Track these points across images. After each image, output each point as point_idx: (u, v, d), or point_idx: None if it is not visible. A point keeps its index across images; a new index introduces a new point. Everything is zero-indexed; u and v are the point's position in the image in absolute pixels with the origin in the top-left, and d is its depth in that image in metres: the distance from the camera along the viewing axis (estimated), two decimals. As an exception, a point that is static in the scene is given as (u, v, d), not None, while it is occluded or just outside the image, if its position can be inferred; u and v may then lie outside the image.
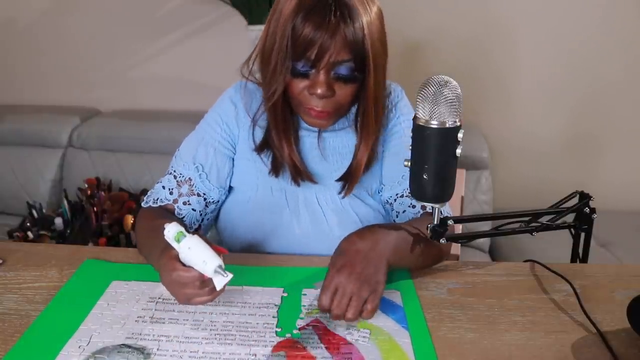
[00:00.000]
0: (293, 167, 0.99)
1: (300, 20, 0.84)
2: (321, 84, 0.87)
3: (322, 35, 0.83)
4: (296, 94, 0.91)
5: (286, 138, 0.98)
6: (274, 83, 0.91)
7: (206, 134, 1.03)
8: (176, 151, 1.04)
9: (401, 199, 1.01)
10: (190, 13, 2.20)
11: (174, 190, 1.00)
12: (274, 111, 0.95)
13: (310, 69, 0.88)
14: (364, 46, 0.86)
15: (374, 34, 0.87)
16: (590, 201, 0.92)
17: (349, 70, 0.88)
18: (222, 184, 1.03)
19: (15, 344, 0.73)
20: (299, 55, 0.86)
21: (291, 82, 0.90)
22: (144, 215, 1.00)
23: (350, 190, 1.00)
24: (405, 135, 1.02)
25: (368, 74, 0.89)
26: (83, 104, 2.39)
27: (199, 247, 0.74)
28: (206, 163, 1.01)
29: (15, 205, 2.19)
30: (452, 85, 0.70)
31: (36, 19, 2.31)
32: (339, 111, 0.94)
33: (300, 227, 1.02)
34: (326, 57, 0.85)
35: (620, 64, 2.09)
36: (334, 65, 0.87)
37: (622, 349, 0.72)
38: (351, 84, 0.90)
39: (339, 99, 0.91)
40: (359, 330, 0.77)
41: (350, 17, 0.84)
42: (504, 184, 2.22)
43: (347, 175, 1.00)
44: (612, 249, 1.91)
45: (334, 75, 0.88)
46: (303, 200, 1.02)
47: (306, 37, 0.84)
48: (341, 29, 0.84)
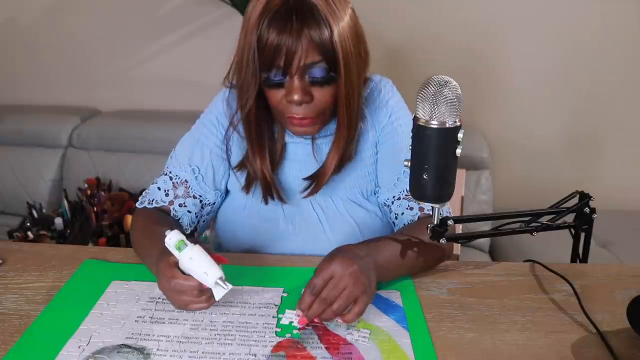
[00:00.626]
0: (264, 182, 0.98)
1: (264, 28, 0.83)
2: (297, 90, 0.85)
3: (287, 39, 0.82)
4: (276, 104, 0.90)
5: (260, 152, 0.97)
6: (244, 95, 0.91)
7: (202, 136, 1.02)
8: (172, 151, 1.04)
9: (399, 202, 0.99)
10: (190, 13, 2.20)
11: (169, 191, 1.00)
12: (247, 123, 0.95)
13: (284, 77, 0.86)
14: (333, 45, 0.84)
15: (343, 32, 0.84)
16: (590, 201, 0.92)
17: (323, 71, 0.86)
18: (218, 186, 1.03)
19: (15, 344, 0.73)
20: (268, 64, 0.85)
21: (268, 93, 0.89)
22: (141, 217, 0.99)
23: (315, 191, 0.98)
24: (398, 134, 1.00)
25: (339, 73, 0.86)
26: (83, 104, 2.39)
27: (200, 258, 0.74)
28: (202, 165, 1.00)
29: (15, 205, 2.19)
30: (452, 85, 0.70)
31: (36, 19, 2.31)
32: (323, 116, 0.92)
33: (296, 234, 1.01)
34: (295, 61, 0.83)
35: (620, 63, 2.09)
36: (306, 69, 0.85)
37: (622, 349, 0.72)
38: (328, 86, 0.88)
39: (319, 103, 0.89)
40: (359, 330, 0.77)
41: (314, 18, 0.82)
42: (504, 184, 2.22)
43: (314, 176, 0.98)
44: (612, 249, 1.91)
45: (309, 79, 0.86)
46: (297, 206, 1.02)
47: (271, 45, 0.83)
48: (305, 31, 0.82)
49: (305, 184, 0.99)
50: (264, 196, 0.99)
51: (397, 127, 1.00)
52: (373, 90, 1.02)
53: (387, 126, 1.00)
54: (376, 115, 1.01)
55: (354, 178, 1.02)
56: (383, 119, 1.01)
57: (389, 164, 1.00)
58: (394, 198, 1.00)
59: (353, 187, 1.02)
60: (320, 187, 0.98)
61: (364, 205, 1.02)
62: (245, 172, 1.01)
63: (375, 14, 2.09)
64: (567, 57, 2.10)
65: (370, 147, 1.01)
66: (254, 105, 0.91)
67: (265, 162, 0.97)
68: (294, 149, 1.01)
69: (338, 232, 1.00)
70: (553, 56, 2.10)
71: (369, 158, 1.02)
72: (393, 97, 1.02)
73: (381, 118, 1.01)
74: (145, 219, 0.97)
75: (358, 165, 1.01)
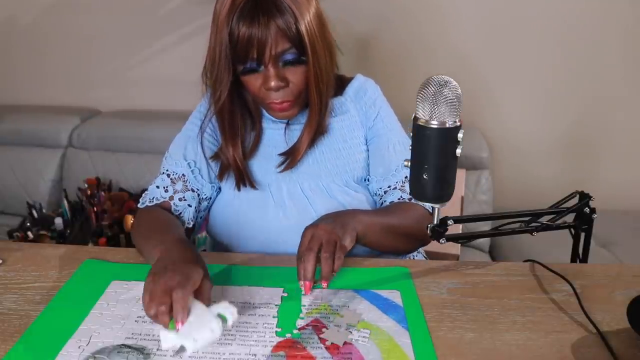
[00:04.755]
0: (237, 170, 1.03)
1: (234, 24, 0.89)
2: (273, 77, 0.92)
3: (257, 32, 0.88)
4: (255, 92, 0.96)
5: (233, 142, 1.02)
6: (218, 88, 0.97)
7: (192, 133, 1.06)
8: (165, 153, 1.07)
9: (392, 191, 1.05)
10: (190, 13, 2.20)
11: (168, 187, 1.03)
12: (220, 116, 1.01)
13: (259, 66, 0.92)
14: (299, 32, 0.90)
15: (307, 18, 0.91)
16: (590, 201, 0.92)
17: (294, 55, 0.92)
18: (213, 179, 1.06)
19: (15, 344, 0.73)
20: (243, 56, 0.91)
21: (247, 83, 0.95)
22: (142, 216, 1.01)
23: (290, 166, 1.03)
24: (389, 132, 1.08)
25: (307, 57, 0.93)
26: (83, 104, 2.39)
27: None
28: (197, 159, 1.05)
29: (15, 205, 2.19)
30: (452, 85, 0.70)
31: (36, 19, 2.31)
32: (299, 98, 0.98)
33: (287, 219, 1.03)
34: (267, 51, 0.90)
35: (620, 63, 2.09)
36: (278, 56, 0.91)
37: (622, 349, 0.72)
38: (301, 67, 0.94)
39: (295, 86, 0.95)
40: (359, 330, 0.77)
41: (278, 8, 0.89)
42: (504, 184, 2.22)
43: (289, 152, 1.04)
44: (612, 249, 1.90)
45: (282, 64, 0.93)
46: (287, 191, 1.04)
47: (243, 38, 0.89)
48: (272, 22, 0.88)
49: (281, 159, 1.04)
50: (237, 183, 1.04)
51: (387, 124, 1.09)
52: (359, 90, 1.10)
53: (377, 123, 1.08)
54: (364, 113, 1.09)
55: (343, 164, 1.06)
56: (371, 116, 1.09)
57: (380, 158, 1.07)
58: (389, 187, 1.05)
59: (344, 173, 1.06)
60: (296, 161, 1.03)
61: (356, 190, 1.06)
62: (219, 162, 1.05)
63: (376, 13, 2.09)
64: (567, 57, 2.10)
65: (358, 137, 1.08)
66: (227, 99, 0.98)
67: (237, 150, 1.02)
68: (270, 135, 1.06)
69: None
70: (553, 56, 2.11)
71: (357, 147, 1.08)
72: (379, 97, 1.11)
73: (369, 115, 1.09)
74: (147, 216, 0.99)
75: (348, 152, 1.06)
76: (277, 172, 1.04)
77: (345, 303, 0.83)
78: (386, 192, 1.06)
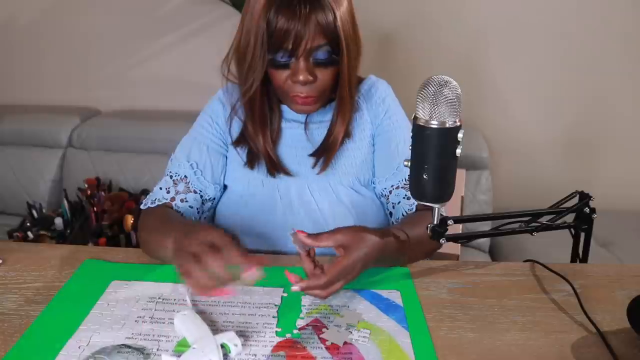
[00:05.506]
0: (268, 158, 1.03)
1: (272, 14, 0.89)
2: (302, 71, 0.92)
3: (296, 25, 0.88)
4: (280, 84, 0.95)
5: (262, 130, 1.02)
6: (250, 76, 0.96)
7: (198, 134, 1.06)
8: (171, 155, 1.07)
9: (397, 191, 1.04)
10: (190, 13, 2.21)
11: (170, 189, 1.02)
12: (251, 105, 1.00)
13: (290, 58, 0.92)
14: (336, 29, 0.90)
15: (344, 17, 0.91)
16: (590, 201, 0.92)
17: (327, 53, 0.92)
18: (217, 180, 1.06)
19: (15, 344, 0.73)
20: (277, 47, 0.91)
21: (274, 73, 0.95)
22: (148, 216, 1.00)
23: (326, 164, 1.03)
24: (395, 129, 1.06)
25: (342, 54, 0.93)
26: (83, 104, 2.39)
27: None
28: (200, 160, 1.04)
29: (15, 205, 2.19)
30: (452, 85, 0.70)
31: (36, 19, 2.31)
32: (323, 95, 0.98)
33: (294, 219, 1.03)
34: (303, 44, 0.89)
35: (619, 63, 2.09)
36: (312, 51, 0.91)
37: (622, 349, 0.72)
38: (331, 67, 0.94)
39: (321, 83, 0.95)
40: (359, 330, 0.77)
41: (320, 3, 0.88)
42: (504, 184, 2.22)
43: (322, 150, 1.03)
44: (612, 249, 1.91)
45: (313, 61, 0.92)
46: (295, 192, 1.04)
47: (281, 29, 0.89)
48: (313, 17, 0.88)
49: (313, 161, 1.04)
50: (270, 171, 1.03)
51: (394, 122, 1.07)
52: (370, 88, 1.09)
53: (385, 121, 1.07)
54: (373, 111, 1.08)
55: (351, 164, 1.05)
56: (380, 114, 1.07)
57: (386, 155, 1.06)
58: (392, 187, 1.04)
59: (351, 174, 1.05)
60: (331, 159, 1.03)
61: (362, 192, 1.06)
62: (245, 148, 1.05)
63: (376, 15, 2.09)
64: (567, 57, 2.10)
65: (367, 137, 1.07)
66: (259, 88, 0.97)
67: (267, 139, 1.02)
68: (289, 134, 1.06)
69: (336, 217, 1.03)
70: (553, 56, 2.11)
71: (366, 147, 1.07)
72: (389, 96, 1.10)
73: (378, 113, 1.08)
74: (154, 215, 0.98)
75: (356, 152, 1.06)
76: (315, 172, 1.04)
77: (345, 303, 0.83)
78: (391, 192, 1.04)
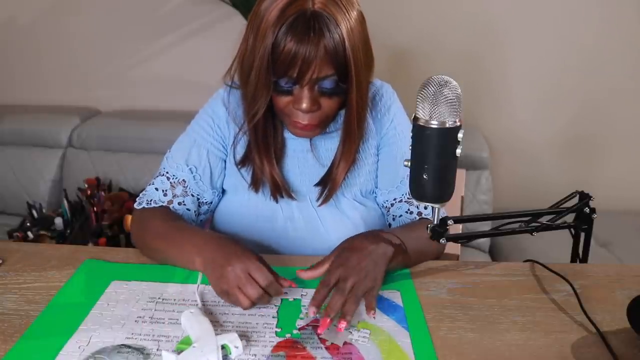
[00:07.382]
0: (273, 183, 0.99)
1: (281, 35, 0.81)
2: (306, 100, 0.86)
3: (304, 51, 0.81)
4: (281, 108, 0.90)
5: (267, 156, 0.98)
6: (254, 105, 0.91)
7: (198, 136, 1.02)
8: (167, 152, 1.03)
9: (399, 204, 1.02)
10: (190, 13, 2.20)
11: (167, 191, 1.00)
12: (255, 130, 0.96)
13: (294, 85, 0.87)
14: (346, 58, 0.84)
15: (355, 43, 0.84)
16: (590, 201, 0.92)
17: (333, 83, 0.86)
18: (215, 185, 1.03)
19: (15, 344, 0.73)
20: (281, 73, 0.84)
21: (276, 97, 0.90)
22: (147, 216, 0.97)
23: (329, 197, 1.00)
24: (400, 140, 1.02)
25: (350, 84, 0.87)
26: (83, 104, 2.39)
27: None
28: (199, 165, 1.01)
29: (15, 205, 2.19)
30: (452, 85, 0.70)
31: (36, 19, 2.31)
32: (326, 121, 0.94)
33: (295, 230, 1.02)
34: (309, 73, 0.83)
35: (619, 64, 2.09)
36: (318, 81, 0.85)
37: (622, 349, 0.72)
38: (336, 97, 0.89)
39: (325, 112, 0.90)
40: (359, 330, 0.76)
41: (329, 29, 0.81)
42: (504, 184, 2.22)
43: (325, 181, 0.99)
44: (612, 249, 1.91)
45: (318, 89, 0.87)
46: (296, 202, 1.02)
47: (288, 54, 0.82)
48: (322, 43, 0.81)
49: (318, 192, 1.01)
50: (273, 195, 1.00)
51: (400, 132, 1.03)
52: (375, 95, 1.04)
53: (390, 131, 1.03)
54: (379, 121, 1.03)
55: (355, 177, 1.02)
56: (385, 124, 1.03)
57: (389, 167, 1.03)
58: (395, 200, 1.02)
59: (353, 186, 1.03)
60: (333, 193, 0.99)
61: (364, 203, 1.03)
62: (250, 169, 1.01)
63: (377, 15, 2.09)
64: (567, 57, 2.10)
65: (371, 147, 1.03)
66: (263, 114, 0.92)
67: (272, 163, 0.98)
68: (293, 145, 1.02)
69: (337, 229, 1.01)
70: (553, 56, 2.11)
71: (369, 158, 1.03)
72: (394, 103, 1.05)
73: (384, 123, 1.03)
74: (154, 218, 0.96)
75: (359, 163, 1.02)
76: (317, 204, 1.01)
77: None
78: (393, 205, 1.03)
